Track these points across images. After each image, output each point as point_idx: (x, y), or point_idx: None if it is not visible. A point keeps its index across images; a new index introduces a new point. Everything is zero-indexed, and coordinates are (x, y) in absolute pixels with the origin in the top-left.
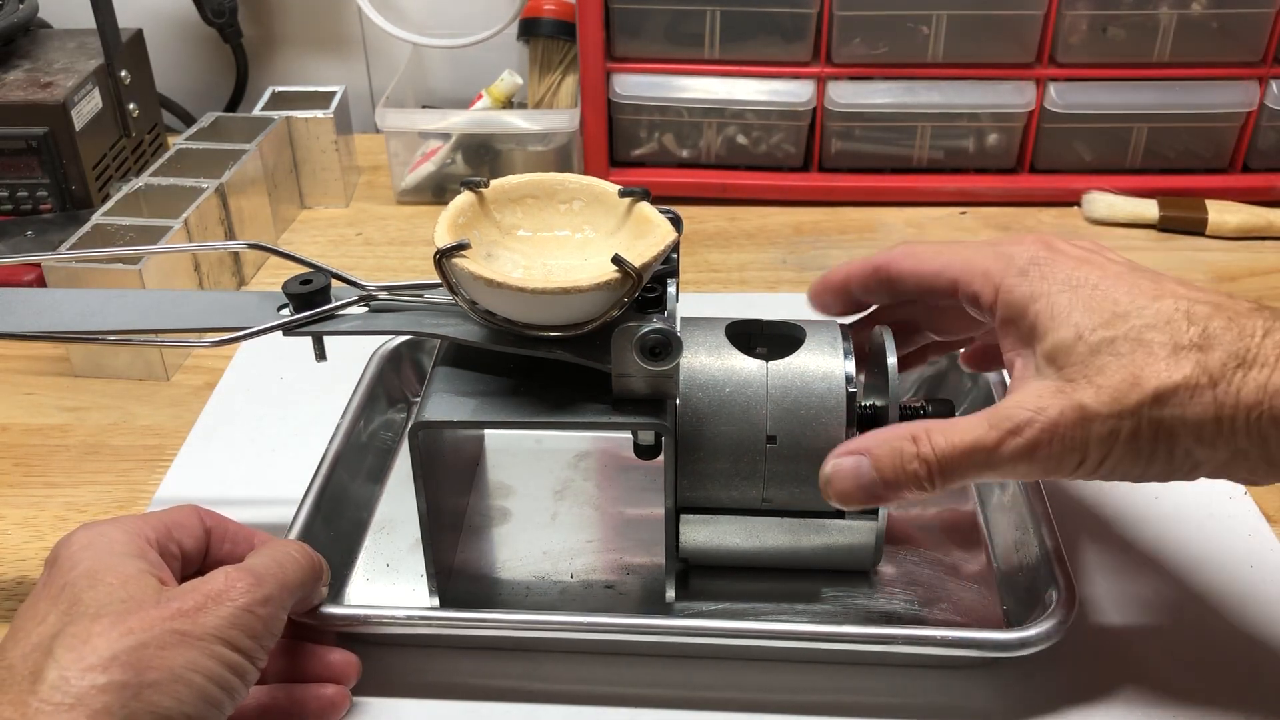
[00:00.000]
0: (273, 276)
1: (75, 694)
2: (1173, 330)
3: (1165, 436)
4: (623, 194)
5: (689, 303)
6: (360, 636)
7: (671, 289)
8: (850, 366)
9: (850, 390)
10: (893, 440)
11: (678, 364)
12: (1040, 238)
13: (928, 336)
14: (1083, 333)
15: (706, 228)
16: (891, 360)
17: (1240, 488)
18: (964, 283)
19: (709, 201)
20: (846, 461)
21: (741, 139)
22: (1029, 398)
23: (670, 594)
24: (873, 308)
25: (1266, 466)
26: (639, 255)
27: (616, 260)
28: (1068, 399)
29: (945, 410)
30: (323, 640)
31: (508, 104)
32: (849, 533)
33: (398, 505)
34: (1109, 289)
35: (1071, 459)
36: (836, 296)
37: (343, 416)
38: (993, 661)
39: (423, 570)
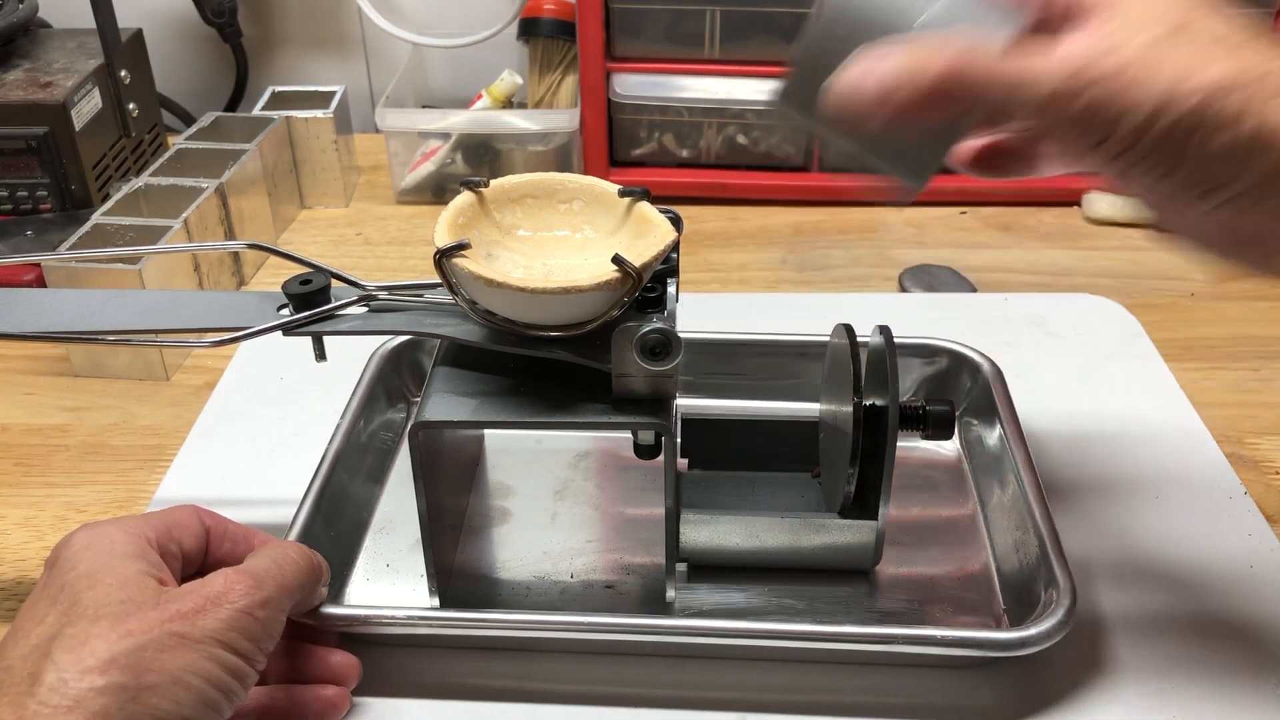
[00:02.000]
0: (273, 276)
1: (73, 696)
2: (1239, 41)
3: (1202, 135)
4: (623, 194)
5: (689, 303)
6: (360, 637)
7: (671, 289)
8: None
9: (855, 399)
10: (933, 41)
11: (678, 364)
12: None
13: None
14: (1150, 23)
15: (706, 228)
16: (892, 360)
17: (1240, 488)
18: None
19: (709, 201)
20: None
21: (741, 139)
22: (1078, 47)
23: (670, 594)
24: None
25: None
26: (639, 255)
27: (617, 260)
28: (1122, 58)
29: (945, 410)
30: (323, 641)
31: (508, 104)
32: (849, 533)
33: (398, 505)
34: (1186, 5)
35: (1099, 127)
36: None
37: (343, 416)
38: (993, 661)
39: (423, 570)
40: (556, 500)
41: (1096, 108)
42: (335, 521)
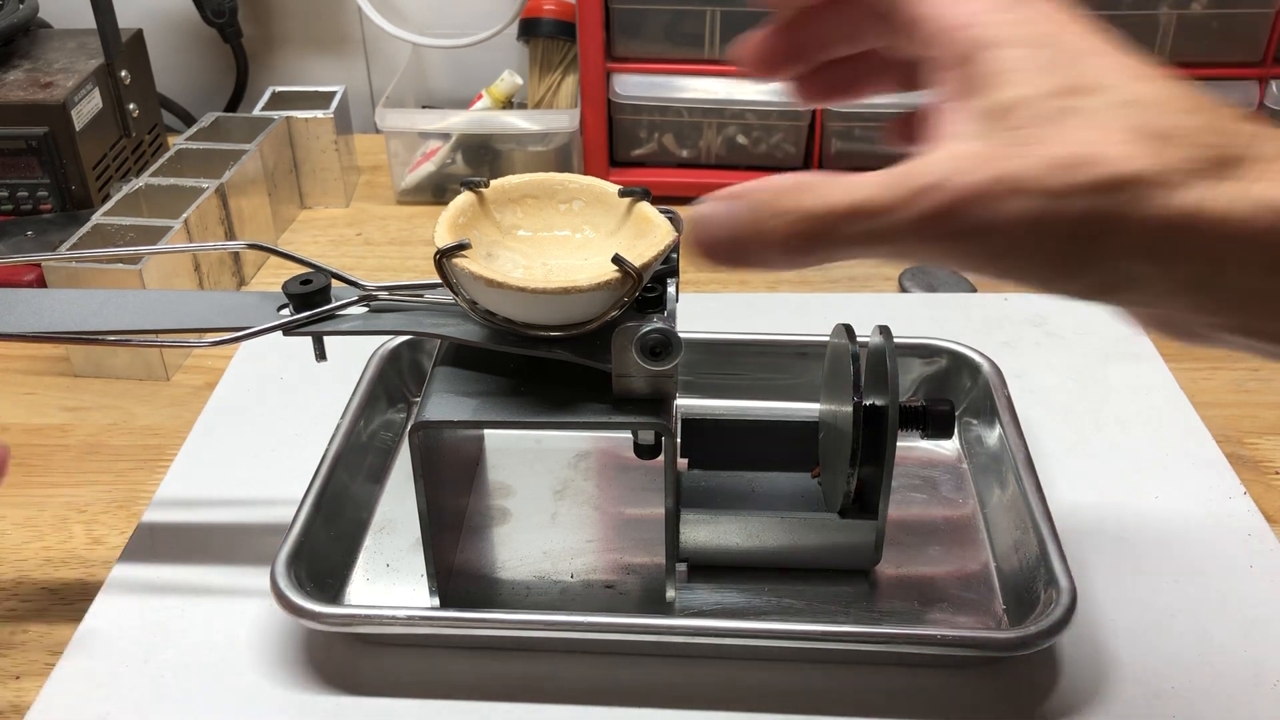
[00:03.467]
0: (273, 276)
1: None
2: (1146, 115)
3: (1102, 237)
4: (623, 194)
5: (689, 303)
6: (360, 636)
7: (671, 289)
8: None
9: (855, 399)
10: (776, 185)
11: (677, 364)
12: None
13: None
14: (1040, 94)
15: None
16: (892, 360)
17: (1240, 488)
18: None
19: None
20: (720, 207)
21: (741, 139)
22: (946, 157)
23: (670, 594)
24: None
25: (1212, 310)
26: (639, 255)
27: (617, 260)
28: (996, 166)
29: (945, 411)
30: None
31: (508, 104)
32: (849, 532)
33: (398, 505)
34: (1084, 55)
35: (982, 243)
36: (780, 35)
37: (343, 416)
38: (993, 661)
39: (423, 570)
40: (556, 500)
41: (967, 227)
42: (335, 521)
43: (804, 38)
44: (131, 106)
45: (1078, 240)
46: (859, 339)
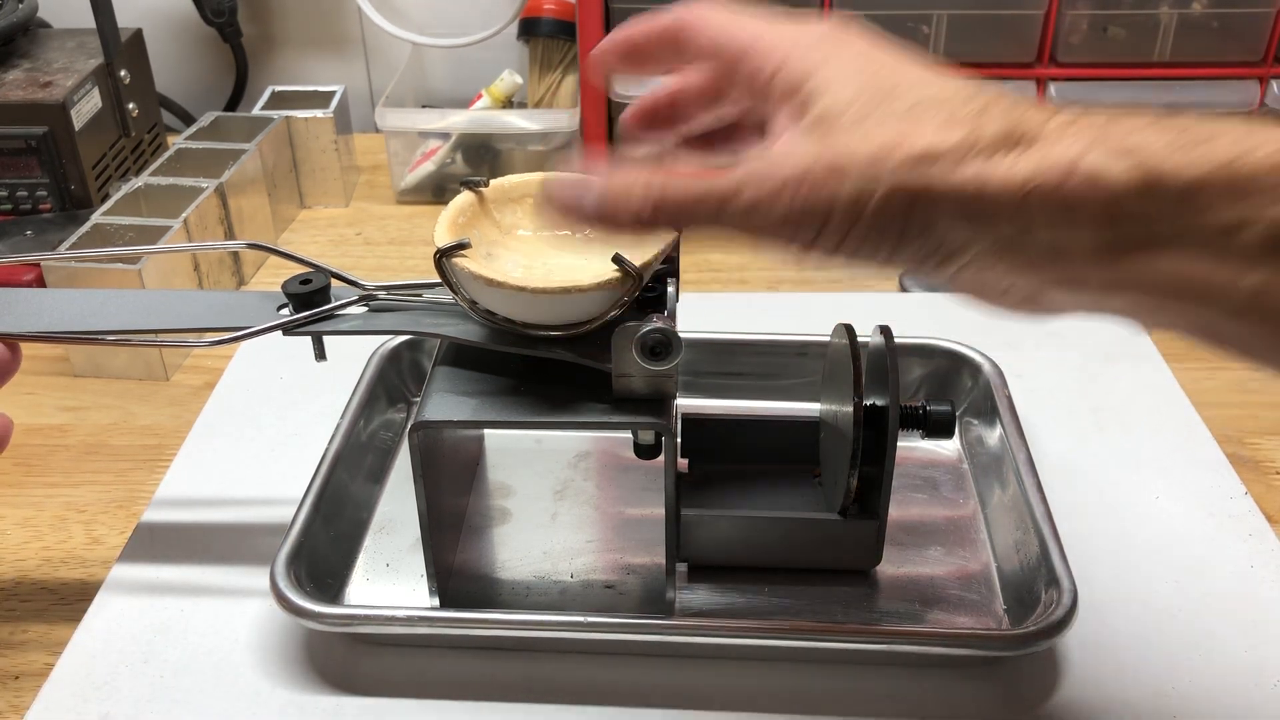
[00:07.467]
0: (272, 276)
1: None
2: (953, 105)
3: (921, 207)
4: None
5: (689, 302)
6: (360, 636)
7: (671, 289)
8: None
9: (855, 399)
10: (634, 168)
11: (678, 364)
12: (840, 20)
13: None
14: (858, 97)
15: None
16: (892, 360)
17: (1241, 488)
18: (751, 54)
19: None
20: (574, 175)
21: None
22: (780, 153)
23: (670, 594)
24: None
25: (1029, 268)
26: (640, 255)
27: (617, 260)
28: (823, 156)
29: (945, 411)
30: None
31: (508, 104)
32: (849, 532)
33: (398, 505)
34: (896, 67)
35: (811, 221)
36: (623, 55)
37: (343, 416)
38: (993, 661)
39: (423, 570)
40: (556, 500)
41: (797, 207)
42: (335, 521)
43: (675, 116)
44: (131, 106)
45: (899, 211)
46: (859, 339)
